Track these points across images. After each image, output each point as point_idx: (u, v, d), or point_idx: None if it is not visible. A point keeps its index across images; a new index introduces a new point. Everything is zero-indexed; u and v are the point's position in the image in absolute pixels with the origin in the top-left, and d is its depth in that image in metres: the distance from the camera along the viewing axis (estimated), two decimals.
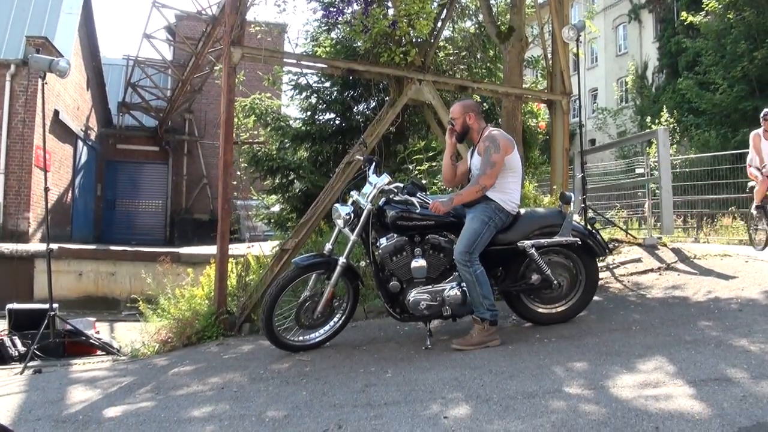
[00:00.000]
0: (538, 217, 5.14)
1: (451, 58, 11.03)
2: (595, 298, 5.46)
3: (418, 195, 4.84)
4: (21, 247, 13.20)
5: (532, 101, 9.75)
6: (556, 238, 4.98)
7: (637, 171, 13.00)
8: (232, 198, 15.04)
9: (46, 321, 6.47)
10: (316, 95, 11.51)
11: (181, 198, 26.90)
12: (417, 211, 4.80)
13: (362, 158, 5.48)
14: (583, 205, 7.90)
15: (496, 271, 5.06)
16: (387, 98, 8.71)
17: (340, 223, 4.98)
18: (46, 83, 6.69)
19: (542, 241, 4.96)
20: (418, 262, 4.83)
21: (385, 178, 4.93)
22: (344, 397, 3.73)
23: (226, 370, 4.74)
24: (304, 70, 11.18)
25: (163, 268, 9.13)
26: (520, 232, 4.95)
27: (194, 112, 26.41)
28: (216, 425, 3.44)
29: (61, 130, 18.94)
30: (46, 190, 7.03)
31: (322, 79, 11.37)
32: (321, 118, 11.69)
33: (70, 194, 20.91)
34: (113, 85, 25.74)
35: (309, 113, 11.62)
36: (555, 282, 5.02)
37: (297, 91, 11.51)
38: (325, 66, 8.00)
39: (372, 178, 5.02)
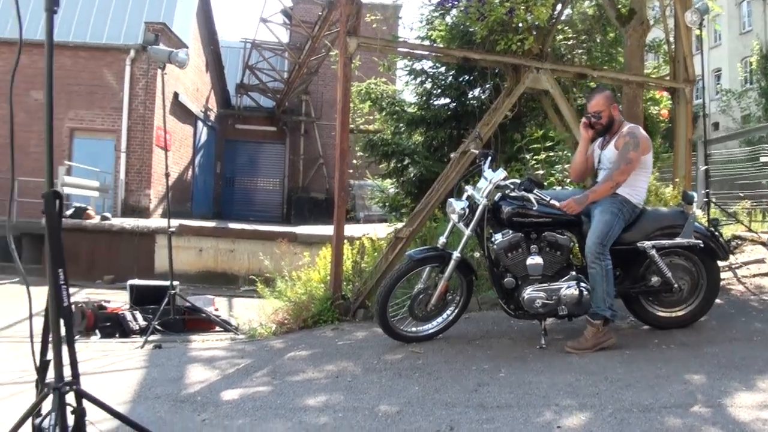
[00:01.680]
0: (660, 216, 4.96)
1: (569, 42, 10.73)
2: (717, 301, 5.23)
3: (535, 192, 4.75)
4: (143, 223, 13.87)
5: (654, 89, 9.36)
6: (678, 240, 4.80)
7: (762, 160, 12.31)
8: (348, 180, 15.43)
9: (167, 298, 6.78)
10: (431, 80, 11.47)
11: (298, 177, 27.56)
12: (534, 207, 4.73)
13: (477, 152, 5.43)
14: (706, 200, 7.57)
15: (615, 272, 4.92)
16: (503, 84, 8.59)
17: (454, 217, 4.97)
18: (165, 73, 6.96)
19: (663, 242, 4.79)
20: (534, 260, 4.76)
21: (501, 173, 4.86)
22: (456, 395, 3.74)
23: (340, 358, 4.84)
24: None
25: (280, 250, 9.42)
26: (641, 231, 4.79)
27: (311, 93, 26.91)
28: (330, 416, 3.52)
29: (180, 111, 19.76)
30: (167, 175, 7.34)
31: (437, 64, 11.32)
32: (436, 103, 11.65)
33: (190, 172, 21.80)
34: (231, 67, 26.59)
35: (423, 98, 11.60)
36: (675, 285, 4.84)
37: (412, 76, 11.51)
38: (440, 54, 7.95)
39: (487, 173, 4.97)
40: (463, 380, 4.04)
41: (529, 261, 4.76)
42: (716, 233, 5.03)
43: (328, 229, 14.51)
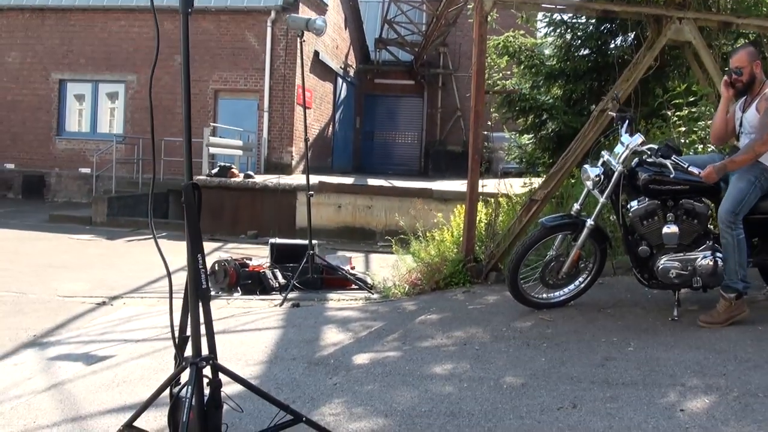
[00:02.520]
0: None
1: None
2: None
3: (672, 158, 4.55)
4: (285, 180, 14.38)
5: None
6: None
7: None
8: (485, 131, 15.28)
9: (305, 258, 7.06)
10: (570, 31, 11.09)
11: (436, 130, 27.59)
12: (671, 175, 4.54)
13: (614, 114, 5.25)
14: None
15: (753, 241, 4.67)
16: (645, 35, 8.18)
17: (589, 184, 4.86)
18: (304, 41, 7.11)
19: None
20: (671, 228, 4.59)
21: (638, 138, 4.69)
22: (582, 369, 3.72)
23: (469, 324, 4.89)
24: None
25: (415, 210, 9.56)
26: None
27: (449, 45, 26.68)
28: (455, 386, 3.59)
29: (321, 69, 20.17)
30: (306, 140, 7.57)
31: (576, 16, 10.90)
32: (576, 54, 11.28)
33: (330, 128, 22.31)
34: (370, 22, 26.76)
35: (563, 50, 11.25)
36: None
37: (551, 27, 11.16)
38: (577, 8, 7.67)
39: (624, 137, 4.81)
40: (591, 353, 4.01)
41: (665, 230, 4.60)
42: None
43: (464, 185, 14.49)
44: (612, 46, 10.90)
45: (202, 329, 2.60)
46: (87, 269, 8.99)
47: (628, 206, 4.75)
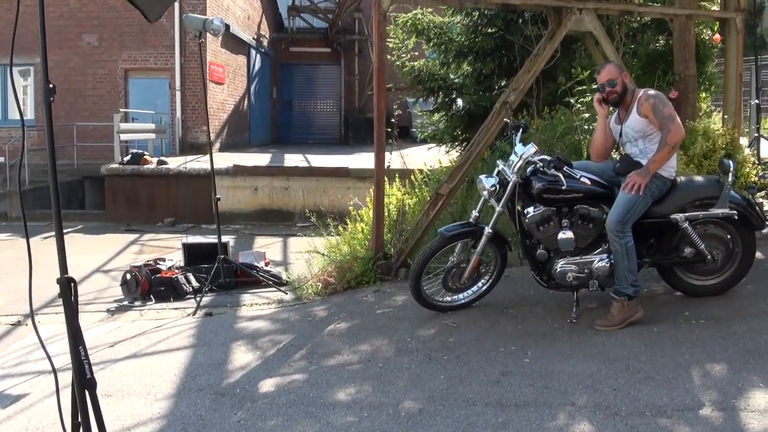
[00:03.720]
0: (694, 187, 4.86)
1: None
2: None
3: (564, 169, 4.69)
4: (199, 165, 14.21)
5: (704, 20, 8.87)
6: (712, 211, 4.71)
7: None
8: (404, 98, 15.26)
9: (216, 264, 7.07)
10: (477, 11, 11.16)
11: (354, 98, 27.51)
12: (563, 185, 4.68)
13: (508, 122, 5.37)
14: (756, 135, 7.33)
15: (649, 242, 4.89)
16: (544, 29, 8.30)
17: (485, 194, 4.98)
18: (202, 41, 6.94)
19: (697, 213, 4.72)
20: (566, 234, 4.75)
21: (531, 148, 4.81)
22: (479, 388, 3.86)
23: (376, 334, 4.99)
24: None
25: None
26: (674, 203, 4.72)
27: (363, 11, 26.46)
28: (356, 415, 3.67)
29: (232, 42, 19.84)
30: (209, 140, 7.43)
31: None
32: (484, 31, 11.37)
33: (246, 101, 22.01)
34: None
35: (470, 29, 11.33)
36: (709, 256, 4.79)
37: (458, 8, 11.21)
38: (476, 3, 7.73)
39: (518, 147, 4.93)
40: (489, 366, 4.16)
41: (561, 236, 4.76)
42: (753, 201, 4.90)
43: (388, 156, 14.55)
44: (520, 22, 11.01)
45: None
46: (2, 278, 8.70)
47: (525, 212, 4.88)
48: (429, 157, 10.60)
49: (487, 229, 4.94)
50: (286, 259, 10.04)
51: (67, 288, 2.48)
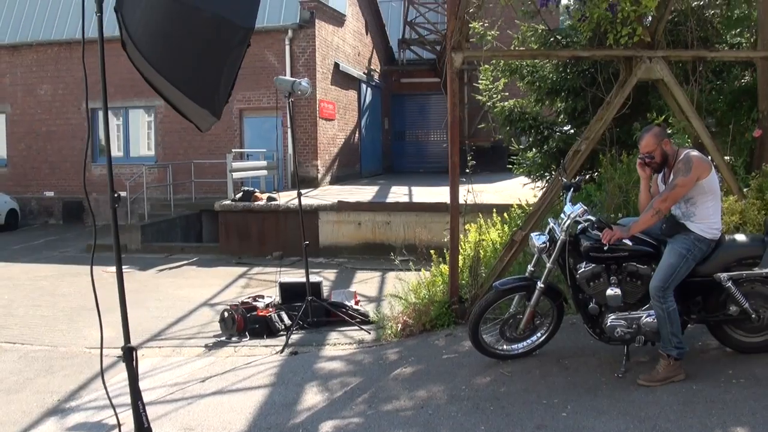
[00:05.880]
0: (738, 246, 4.97)
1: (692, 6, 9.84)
2: None
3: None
4: (306, 201, 14.92)
5: None
6: (756, 270, 4.83)
7: None
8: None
9: (304, 305, 7.74)
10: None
11: (464, 126, 27.82)
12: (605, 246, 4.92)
13: (562, 182, 5.65)
14: None
15: (696, 299, 5.04)
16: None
17: (535, 251, 5.28)
18: (292, 101, 7.60)
19: (741, 273, 4.84)
20: (613, 291, 4.97)
21: (579, 208, 5.06)
22: None
23: (435, 380, 5.38)
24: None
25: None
26: (718, 263, 4.86)
27: (474, 42, 26.85)
28: None
29: (342, 79, 20.70)
30: (299, 194, 8.01)
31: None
32: (574, 69, 11.51)
33: (357, 134, 22.83)
34: (394, 22, 27.14)
35: (560, 67, 11.50)
36: (754, 315, 4.89)
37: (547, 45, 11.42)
38: (546, 56, 7.97)
39: (567, 207, 5.20)
40: (527, 420, 4.45)
41: (609, 292, 4.98)
42: None
43: (490, 188, 14.83)
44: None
45: None
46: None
47: (576, 268, 5.15)
48: (525, 192, 10.90)
49: (539, 284, 5.23)
50: (380, 294, 10.50)
51: (129, 356, 3.01)
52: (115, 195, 3.18)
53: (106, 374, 6.70)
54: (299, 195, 8.39)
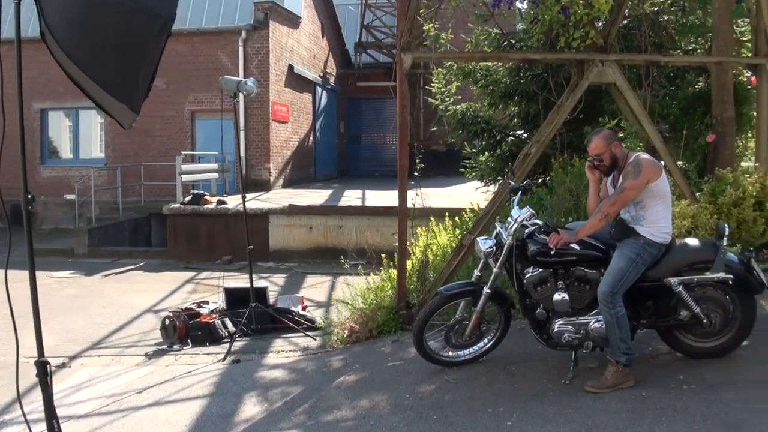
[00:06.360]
0: (689, 251, 4.89)
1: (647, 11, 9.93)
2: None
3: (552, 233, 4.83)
4: (256, 204, 14.71)
5: (734, 65, 8.69)
6: (707, 275, 4.76)
7: None
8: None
9: (247, 311, 7.52)
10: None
11: (420, 130, 27.80)
12: (553, 250, 4.81)
13: (510, 185, 5.54)
14: None
15: (646, 304, 4.95)
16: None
17: (482, 256, 5.15)
18: (237, 101, 7.39)
19: (691, 277, 4.76)
20: (561, 296, 4.86)
21: (526, 212, 4.95)
22: None
23: (379, 388, 5.21)
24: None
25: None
26: (669, 267, 4.77)
27: (427, 45, 26.84)
28: None
29: (296, 81, 20.50)
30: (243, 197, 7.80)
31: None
32: (528, 74, 11.49)
33: (311, 137, 22.64)
34: (350, 26, 27.01)
35: (514, 71, 11.48)
36: (705, 320, 4.82)
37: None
38: (497, 59, 7.90)
39: (514, 210, 5.09)
40: (470, 429, 4.31)
41: (556, 297, 4.87)
42: (751, 265, 4.89)
43: (443, 192, 14.73)
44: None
45: None
46: (58, 316, 9.19)
47: (523, 273, 5.02)
48: (478, 195, 10.83)
49: (486, 289, 5.10)
50: (329, 299, 10.31)
51: (43, 371, 2.78)
52: (29, 197, 2.95)
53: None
54: (243, 198, 8.18)
